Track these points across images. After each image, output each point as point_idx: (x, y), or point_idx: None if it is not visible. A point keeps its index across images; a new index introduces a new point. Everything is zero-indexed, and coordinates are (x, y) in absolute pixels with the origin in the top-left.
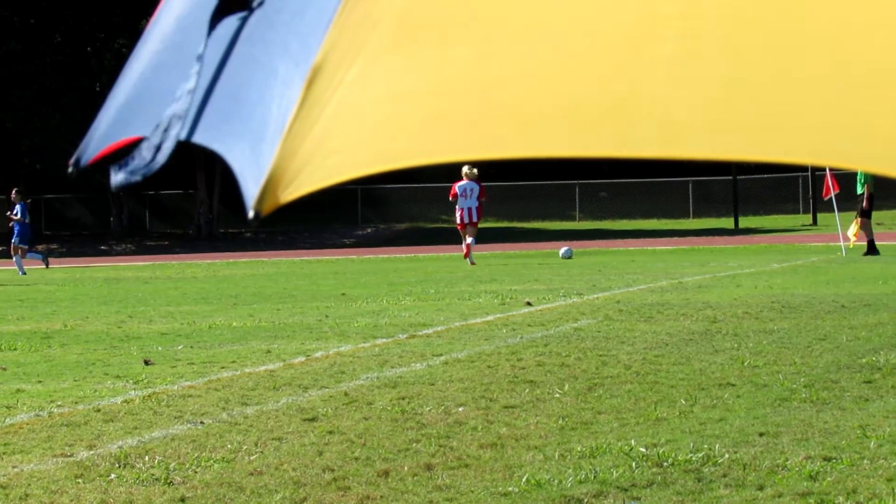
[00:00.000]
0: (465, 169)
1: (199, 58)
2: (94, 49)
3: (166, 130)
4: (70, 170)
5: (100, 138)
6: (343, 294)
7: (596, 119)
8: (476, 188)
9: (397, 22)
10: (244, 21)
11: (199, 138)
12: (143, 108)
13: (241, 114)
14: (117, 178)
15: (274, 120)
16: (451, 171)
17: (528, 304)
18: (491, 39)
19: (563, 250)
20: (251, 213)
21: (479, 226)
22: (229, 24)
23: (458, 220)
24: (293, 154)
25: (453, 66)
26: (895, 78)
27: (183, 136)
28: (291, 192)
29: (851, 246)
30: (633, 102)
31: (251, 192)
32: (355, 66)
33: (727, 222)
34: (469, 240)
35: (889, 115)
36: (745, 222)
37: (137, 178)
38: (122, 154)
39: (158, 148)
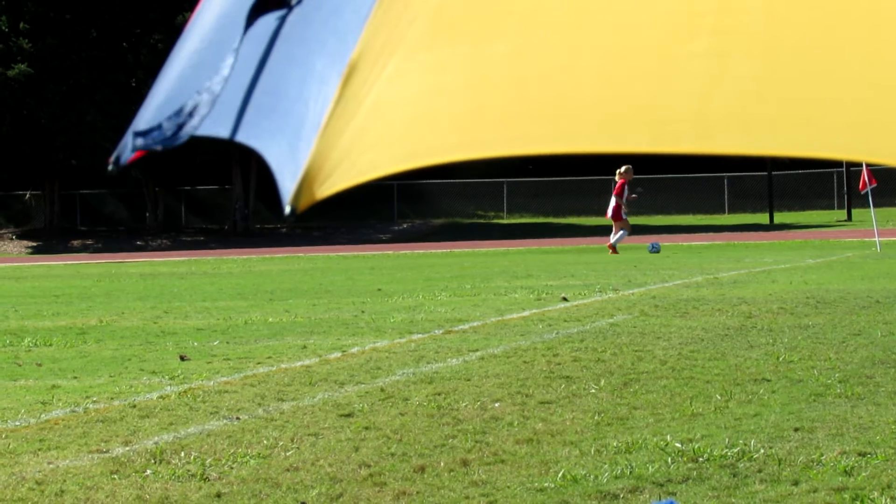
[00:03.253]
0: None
1: (235, 51)
2: (130, 44)
3: (191, 114)
4: (110, 167)
5: (157, 134)
6: (379, 289)
7: (630, 115)
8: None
9: (432, 19)
10: (283, 19)
11: (242, 136)
12: (177, 101)
13: (280, 110)
14: (137, 142)
15: (311, 117)
16: (488, 167)
17: (564, 299)
18: (525, 36)
19: (651, 245)
20: (287, 209)
21: (515, 221)
22: (268, 22)
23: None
24: (330, 150)
25: (488, 62)
26: None
27: (225, 134)
28: (328, 187)
29: None
30: (667, 98)
31: (288, 187)
32: (391, 63)
33: (762, 218)
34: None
35: None
36: (779, 218)
37: (157, 146)
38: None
39: (181, 126)
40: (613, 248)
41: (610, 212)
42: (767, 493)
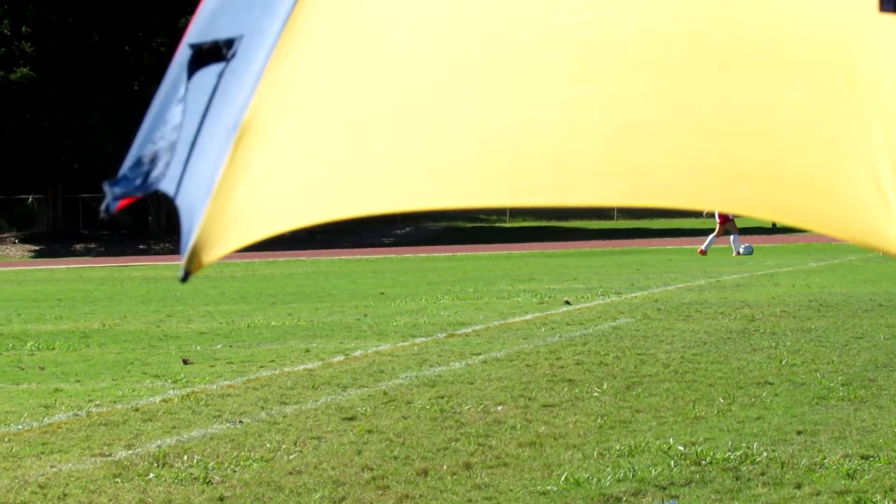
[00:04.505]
0: None
1: (181, 100)
2: (133, 48)
3: (153, 161)
4: (102, 215)
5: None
6: (382, 293)
7: (491, 170)
8: None
9: (318, 82)
10: (221, 74)
11: (179, 199)
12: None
13: (196, 169)
14: (115, 191)
15: (213, 178)
16: None
17: (567, 303)
18: (399, 95)
19: (744, 246)
20: (181, 273)
21: (518, 225)
22: (209, 76)
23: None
24: (220, 214)
25: (365, 123)
26: (769, 129)
27: (171, 192)
28: (218, 251)
29: None
30: (524, 151)
31: (185, 249)
32: (278, 126)
33: (765, 222)
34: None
35: (763, 161)
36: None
37: (133, 194)
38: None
39: (147, 175)
40: (748, 249)
41: (717, 218)
42: (770, 497)
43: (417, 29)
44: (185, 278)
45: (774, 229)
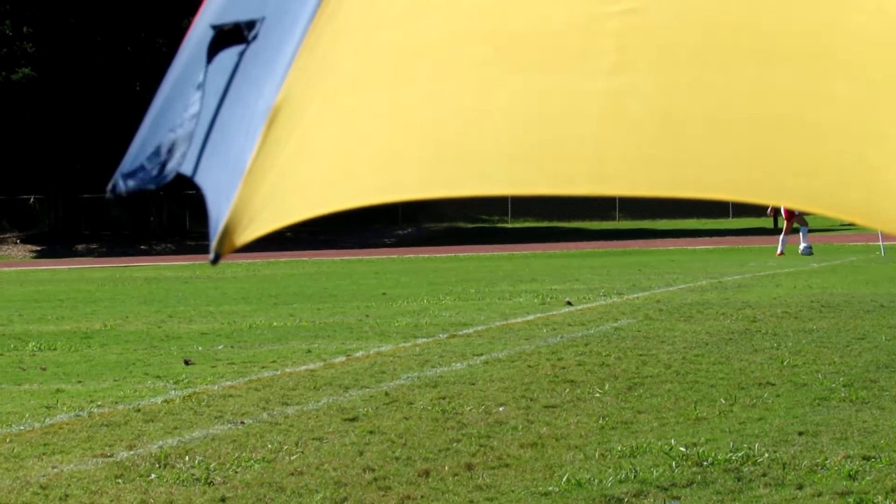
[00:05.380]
0: None
1: (199, 86)
2: (135, 49)
3: (170, 151)
4: (107, 195)
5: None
6: (384, 294)
7: (531, 157)
8: None
9: (352, 63)
10: (242, 55)
11: (199, 177)
12: (156, 134)
13: (222, 151)
14: (121, 185)
15: (244, 160)
16: None
17: (569, 303)
18: (435, 79)
19: (802, 246)
20: (212, 255)
21: (520, 225)
22: (229, 57)
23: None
24: (252, 195)
25: (401, 106)
26: (811, 116)
27: (188, 171)
28: (248, 234)
29: None
30: (564, 140)
31: (214, 233)
32: (312, 107)
33: (766, 221)
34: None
35: (807, 154)
36: (784, 222)
37: (149, 186)
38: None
39: (163, 165)
40: (808, 250)
41: (783, 215)
42: (772, 497)
43: (456, 10)
44: (215, 261)
45: (776, 230)
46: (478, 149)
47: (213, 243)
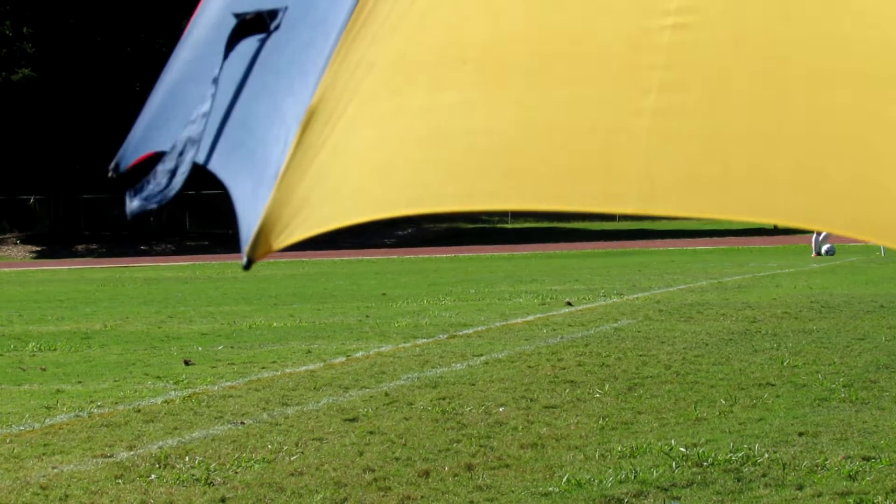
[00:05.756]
0: None
1: (215, 80)
2: (135, 49)
3: (181, 154)
4: (110, 174)
5: (137, 143)
6: (383, 294)
7: (578, 173)
8: None
9: (390, 66)
10: (262, 44)
11: (214, 165)
12: (167, 122)
13: (248, 147)
14: (133, 204)
15: (274, 160)
16: None
17: (569, 304)
18: (478, 86)
19: (826, 247)
20: (244, 260)
21: (520, 226)
22: (249, 45)
23: None
24: (288, 199)
25: (441, 112)
26: (869, 141)
27: (200, 160)
28: (284, 238)
29: None
30: (613, 156)
31: (246, 236)
32: (349, 111)
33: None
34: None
35: (862, 177)
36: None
37: (153, 204)
38: (139, 178)
39: (174, 172)
40: (820, 252)
41: None
42: (772, 498)
43: (501, 15)
44: (247, 266)
45: (776, 230)
46: (522, 162)
47: (246, 248)
